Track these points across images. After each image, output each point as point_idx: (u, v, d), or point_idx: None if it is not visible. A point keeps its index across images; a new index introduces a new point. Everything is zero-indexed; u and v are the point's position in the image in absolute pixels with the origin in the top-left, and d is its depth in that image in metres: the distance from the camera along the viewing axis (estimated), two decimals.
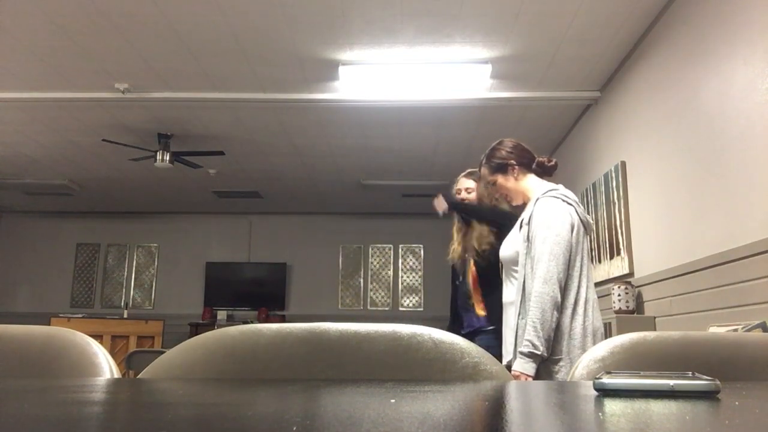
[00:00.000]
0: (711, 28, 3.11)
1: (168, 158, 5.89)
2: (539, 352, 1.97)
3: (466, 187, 3.05)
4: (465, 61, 4.38)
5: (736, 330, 2.67)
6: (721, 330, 2.82)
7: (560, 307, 2.04)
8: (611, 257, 4.48)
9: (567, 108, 5.27)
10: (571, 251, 2.09)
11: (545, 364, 2.04)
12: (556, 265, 2.03)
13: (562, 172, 6.06)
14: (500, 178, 2.34)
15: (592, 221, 2.28)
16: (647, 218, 3.92)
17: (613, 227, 4.43)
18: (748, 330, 2.55)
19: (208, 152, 6.13)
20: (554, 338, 2.04)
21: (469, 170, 3.09)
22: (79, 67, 4.54)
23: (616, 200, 4.39)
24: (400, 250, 9.44)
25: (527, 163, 2.35)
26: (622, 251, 4.26)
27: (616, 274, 4.33)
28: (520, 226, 2.23)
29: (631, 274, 4.11)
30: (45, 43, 4.19)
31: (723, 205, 2.98)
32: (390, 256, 9.43)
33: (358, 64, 4.45)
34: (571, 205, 2.17)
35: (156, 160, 5.90)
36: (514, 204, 2.38)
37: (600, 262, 4.72)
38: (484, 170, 2.39)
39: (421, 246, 9.40)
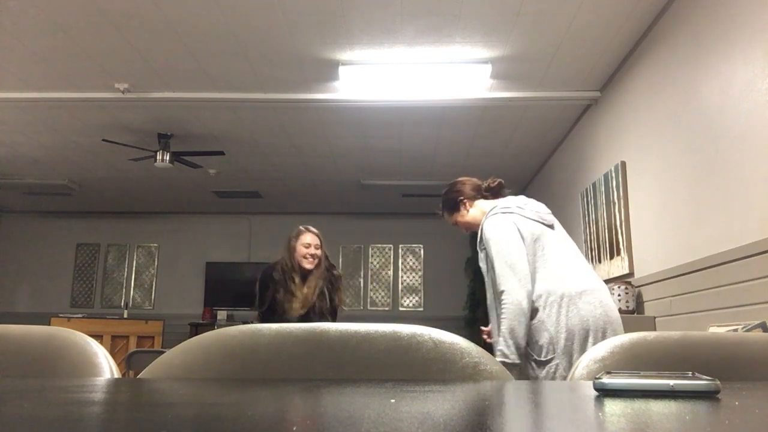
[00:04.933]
0: (711, 28, 3.11)
1: (168, 158, 5.89)
2: (510, 360, 2.10)
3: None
4: (465, 61, 4.38)
5: (736, 330, 2.67)
6: (721, 330, 2.82)
7: (530, 310, 2.14)
8: (611, 257, 4.48)
9: (567, 108, 5.27)
10: (525, 254, 2.21)
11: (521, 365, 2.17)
12: (514, 275, 2.15)
13: (562, 172, 6.08)
14: (457, 216, 2.53)
15: (548, 212, 2.36)
16: (647, 218, 3.92)
17: (613, 227, 4.43)
18: (748, 330, 2.55)
19: (208, 152, 6.12)
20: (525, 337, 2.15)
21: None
22: (79, 67, 4.54)
23: (616, 200, 4.39)
24: (400, 250, 9.44)
25: (474, 193, 2.52)
26: (622, 251, 4.26)
27: (616, 274, 4.33)
28: (480, 250, 2.39)
29: (631, 274, 4.12)
30: (45, 43, 4.19)
31: (723, 205, 2.98)
32: (390, 256, 9.43)
33: (358, 64, 4.45)
34: (512, 213, 2.29)
35: (156, 160, 5.90)
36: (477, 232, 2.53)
37: (600, 262, 4.72)
38: (446, 216, 2.58)
39: (421, 246, 9.40)
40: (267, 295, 3.28)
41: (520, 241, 2.20)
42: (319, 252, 3.33)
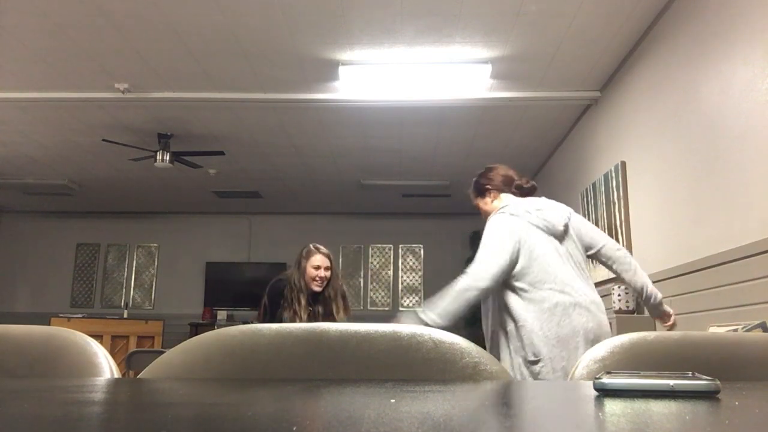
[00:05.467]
0: (711, 28, 3.11)
1: (168, 158, 5.89)
2: (424, 318, 2.17)
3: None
4: (465, 61, 4.38)
5: (736, 330, 2.67)
6: (721, 330, 2.82)
7: (474, 302, 2.21)
8: None
9: (567, 108, 5.27)
10: (515, 259, 2.23)
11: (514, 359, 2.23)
12: (480, 270, 2.21)
13: (562, 172, 6.07)
14: (480, 202, 2.58)
15: (558, 223, 2.36)
16: (647, 218, 3.92)
17: (613, 227, 4.43)
18: (748, 330, 2.55)
19: (208, 152, 6.12)
20: (517, 339, 2.20)
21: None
22: (79, 67, 4.54)
23: (616, 200, 4.39)
24: (400, 250, 9.44)
25: (503, 186, 2.54)
26: None
27: None
28: None
29: None
30: (45, 43, 4.19)
31: (723, 205, 2.98)
32: (390, 256, 9.43)
33: (358, 64, 4.45)
34: (517, 216, 2.31)
35: (156, 160, 5.90)
36: None
37: None
38: (471, 195, 2.61)
39: (421, 246, 9.40)
40: (278, 313, 3.23)
41: (510, 245, 2.23)
42: (328, 274, 3.27)
